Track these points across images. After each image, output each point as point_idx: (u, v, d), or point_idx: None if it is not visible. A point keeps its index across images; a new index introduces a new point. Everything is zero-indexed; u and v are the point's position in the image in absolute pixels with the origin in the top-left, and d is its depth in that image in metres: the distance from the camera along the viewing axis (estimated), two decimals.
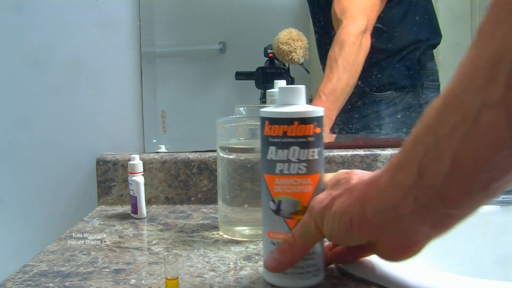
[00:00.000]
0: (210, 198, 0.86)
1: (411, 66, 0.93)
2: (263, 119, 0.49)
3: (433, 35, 0.94)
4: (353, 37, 0.86)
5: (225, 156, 0.67)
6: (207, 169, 0.86)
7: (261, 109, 0.49)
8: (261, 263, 0.56)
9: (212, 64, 0.98)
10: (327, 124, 0.88)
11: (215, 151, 0.71)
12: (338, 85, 0.85)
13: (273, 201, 0.48)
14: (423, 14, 0.94)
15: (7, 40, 0.92)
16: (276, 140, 0.48)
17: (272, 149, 0.48)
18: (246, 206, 0.66)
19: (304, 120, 0.47)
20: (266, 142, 0.48)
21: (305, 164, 0.47)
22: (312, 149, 0.47)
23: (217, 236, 0.68)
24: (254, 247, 0.63)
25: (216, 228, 0.71)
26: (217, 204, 0.75)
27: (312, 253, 0.48)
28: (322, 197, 0.45)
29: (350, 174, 0.45)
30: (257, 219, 0.57)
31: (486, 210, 0.70)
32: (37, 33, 0.91)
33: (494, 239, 0.69)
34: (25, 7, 0.90)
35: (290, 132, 0.47)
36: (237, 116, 0.71)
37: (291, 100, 0.49)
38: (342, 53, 0.85)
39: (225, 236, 0.68)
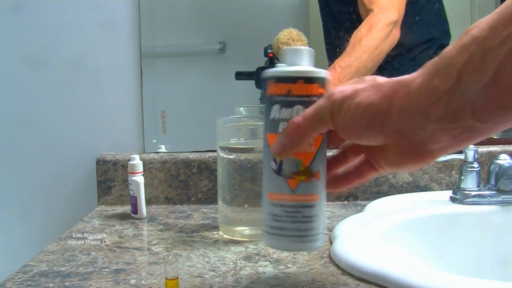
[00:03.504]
0: (210, 198, 0.86)
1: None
2: (267, 79, 0.47)
3: (444, 35, 0.94)
4: (384, 25, 0.84)
5: (225, 156, 0.67)
6: (207, 169, 0.86)
7: (264, 71, 0.48)
8: (261, 263, 0.56)
9: (212, 64, 0.98)
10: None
11: (215, 151, 0.71)
12: (355, 62, 0.82)
13: (275, 160, 0.47)
14: (436, 13, 0.94)
15: (7, 40, 0.92)
16: (280, 98, 0.47)
17: (276, 107, 0.46)
18: (246, 206, 0.66)
19: (308, 80, 0.46)
20: (270, 101, 0.47)
21: None
22: None
23: (217, 236, 0.68)
24: (254, 247, 0.63)
25: (216, 228, 0.71)
26: (217, 204, 0.75)
27: (314, 216, 0.46)
28: (344, 88, 0.41)
29: (374, 76, 0.42)
30: (257, 219, 0.57)
31: (486, 210, 0.70)
32: (37, 33, 0.91)
33: (494, 239, 0.69)
34: (25, 7, 0.90)
35: (294, 91, 0.46)
36: (237, 116, 0.71)
37: (296, 61, 0.48)
38: (368, 35, 0.83)
39: (225, 236, 0.68)
